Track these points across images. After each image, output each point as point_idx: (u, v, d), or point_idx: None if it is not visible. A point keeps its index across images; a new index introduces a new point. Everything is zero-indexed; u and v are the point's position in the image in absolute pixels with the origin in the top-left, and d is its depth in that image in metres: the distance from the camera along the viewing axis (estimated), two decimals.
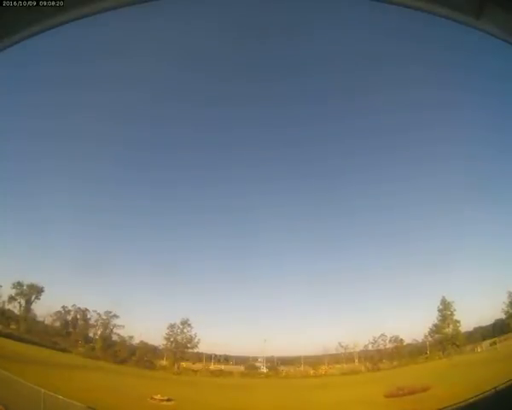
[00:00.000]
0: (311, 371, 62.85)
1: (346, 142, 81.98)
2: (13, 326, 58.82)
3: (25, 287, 61.27)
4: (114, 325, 64.38)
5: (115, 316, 63.92)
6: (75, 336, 62.23)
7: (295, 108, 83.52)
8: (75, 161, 71.56)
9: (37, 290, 61.91)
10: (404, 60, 71.87)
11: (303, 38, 75.17)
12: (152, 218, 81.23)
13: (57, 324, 62.63)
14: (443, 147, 69.60)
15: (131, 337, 63.56)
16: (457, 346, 56.91)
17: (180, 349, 63.36)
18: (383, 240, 77.74)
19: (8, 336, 52.25)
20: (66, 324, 62.97)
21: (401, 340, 62.82)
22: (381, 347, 63.38)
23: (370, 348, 64.04)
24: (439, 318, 59.93)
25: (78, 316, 64.65)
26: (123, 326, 63.78)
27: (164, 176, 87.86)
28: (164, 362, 62.55)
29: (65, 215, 68.09)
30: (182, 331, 64.03)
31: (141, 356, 60.19)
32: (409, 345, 63.08)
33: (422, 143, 73.26)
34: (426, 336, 61.68)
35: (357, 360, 64.15)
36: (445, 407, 28.01)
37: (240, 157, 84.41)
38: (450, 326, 58.82)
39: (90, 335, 64.47)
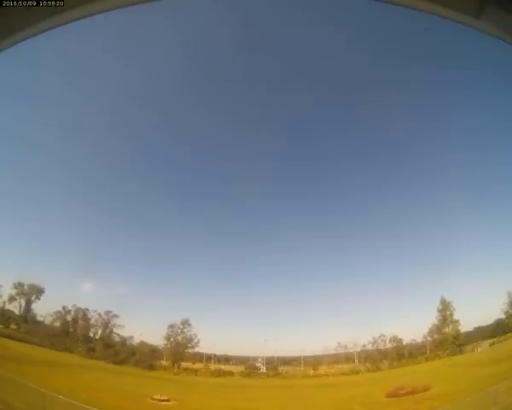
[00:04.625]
0: (311, 371, 62.95)
1: (345, 161, 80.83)
2: (13, 326, 58.76)
3: (25, 287, 61.37)
4: (114, 325, 64.62)
5: (115, 316, 64.15)
6: (75, 336, 62.18)
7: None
8: (76, 160, 71.47)
9: (37, 290, 61.97)
10: (403, 61, 71.44)
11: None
12: (152, 218, 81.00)
13: (57, 324, 62.47)
14: (443, 156, 69.08)
15: (131, 337, 63.83)
16: (457, 346, 56.89)
17: (180, 349, 63.44)
18: (384, 242, 77.47)
19: (9, 336, 52.23)
20: (66, 324, 62.82)
21: (401, 340, 62.98)
22: (381, 347, 63.55)
23: (370, 348, 64.29)
24: (439, 318, 59.99)
25: (79, 316, 64.66)
26: (123, 326, 63.97)
27: (164, 174, 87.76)
28: (164, 362, 62.61)
29: (65, 215, 68.11)
30: (182, 331, 64.22)
31: (141, 356, 60.06)
32: (409, 345, 63.10)
33: (423, 157, 71.98)
34: (426, 336, 61.86)
35: (357, 360, 64.23)
36: (444, 407, 28.09)
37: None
38: (450, 326, 58.86)
39: (90, 335, 64.54)
